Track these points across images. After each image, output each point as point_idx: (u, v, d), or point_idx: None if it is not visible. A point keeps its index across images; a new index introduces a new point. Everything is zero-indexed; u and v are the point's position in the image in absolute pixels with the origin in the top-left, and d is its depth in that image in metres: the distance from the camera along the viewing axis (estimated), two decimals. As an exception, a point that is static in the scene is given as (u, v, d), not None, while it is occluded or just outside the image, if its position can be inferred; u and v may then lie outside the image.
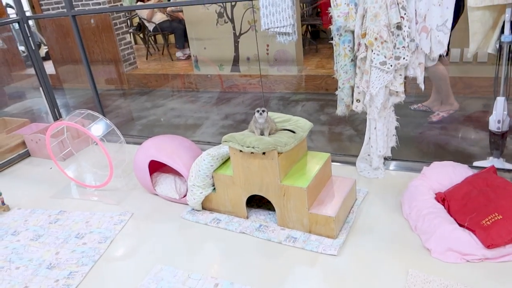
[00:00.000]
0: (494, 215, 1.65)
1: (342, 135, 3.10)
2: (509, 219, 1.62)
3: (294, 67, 4.34)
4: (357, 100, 2.30)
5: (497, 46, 2.07)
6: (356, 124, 3.19)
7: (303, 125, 2.11)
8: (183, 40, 5.96)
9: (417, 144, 2.82)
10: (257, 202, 2.18)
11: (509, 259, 1.62)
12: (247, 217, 2.10)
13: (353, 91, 2.32)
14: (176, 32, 6.06)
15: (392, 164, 2.47)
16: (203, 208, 2.21)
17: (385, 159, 2.44)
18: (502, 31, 2.00)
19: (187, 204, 2.23)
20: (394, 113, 2.33)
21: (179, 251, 1.94)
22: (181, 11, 6.11)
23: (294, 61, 4.35)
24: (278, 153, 1.85)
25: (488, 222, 1.64)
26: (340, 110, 2.44)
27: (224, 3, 4.47)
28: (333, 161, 2.43)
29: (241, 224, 2.05)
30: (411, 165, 2.42)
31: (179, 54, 6.02)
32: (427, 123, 3.09)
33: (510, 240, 1.59)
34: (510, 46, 2.06)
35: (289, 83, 4.33)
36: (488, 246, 1.61)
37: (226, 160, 2.15)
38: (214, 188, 2.13)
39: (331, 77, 2.50)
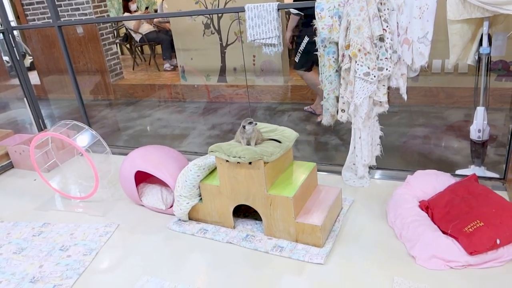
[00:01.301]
0: (476, 222, 1.68)
1: (328, 144, 3.14)
2: (490, 226, 1.66)
3: (280, 77, 4.39)
4: (342, 110, 2.34)
5: (476, 57, 2.13)
6: (341, 134, 3.23)
7: (289, 135, 2.13)
8: (170, 51, 5.98)
9: (401, 153, 2.87)
10: (244, 212, 2.19)
11: (491, 265, 1.65)
12: (234, 227, 2.09)
13: (338, 101, 2.36)
14: (163, 43, 6.08)
15: (377, 173, 2.51)
16: (190, 218, 2.21)
17: (370, 168, 2.47)
18: (480, 43, 2.07)
19: (174, 215, 2.22)
20: (378, 122, 2.37)
21: (165, 262, 1.92)
22: (168, 22, 6.14)
23: (280, 71, 4.40)
24: (264, 162, 1.87)
25: (470, 229, 1.67)
26: (326, 119, 2.47)
27: (210, 15, 4.50)
28: (319, 170, 2.45)
29: (228, 234, 2.04)
30: (396, 174, 2.46)
31: (166, 65, 6.02)
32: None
33: (492, 246, 1.63)
34: (488, 57, 2.13)
35: (275, 93, 4.37)
36: (471, 253, 1.64)
37: (213, 170, 2.16)
38: (201, 198, 2.13)
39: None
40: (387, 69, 2.11)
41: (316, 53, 2.31)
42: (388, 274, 1.69)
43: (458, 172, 2.36)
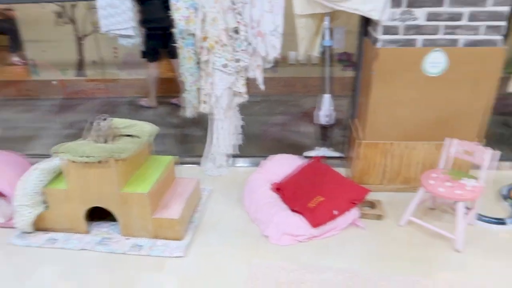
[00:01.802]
0: (317, 198, 1.87)
1: (193, 136, 3.13)
2: (330, 200, 1.86)
3: (144, 70, 4.21)
4: (203, 102, 2.34)
5: (321, 49, 2.34)
6: (206, 125, 3.24)
7: (148, 129, 2.05)
8: (17, 42, 5.26)
9: (262, 141, 3.02)
10: (101, 214, 2.04)
11: (331, 234, 1.86)
12: (88, 232, 1.95)
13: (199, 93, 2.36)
14: (8, 33, 5.32)
15: (239, 161, 2.59)
16: (36, 229, 1.97)
17: (231, 156, 2.54)
18: (323, 37, 2.27)
19: (15, 228, 1.96)
20: (240, 112, 2.44)
21: (8, 282, 1.69)
22: (13, 9, 5.39)
23: (145, 64, 4.22)
24: (117, 160, 1.76)
25: (313, 204, 1.85)
26: (189, 112, 2.46)
27: (62, 2, 4.09)
28: (182, 163, 2.44)
29: (81, 240, 1.90)
30: (255, 161, 2.57)
31: (15, 59, 5.29)
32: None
33: (330, 217, 1.82)
34: (330, 49, 2.36)
35: (140, 87, 4.20)
36: (315, 226, 1.81)
37: (60, 173, 1.96)
38: (47, 205, 1.92)
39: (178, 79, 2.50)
40: (243, 61, 2.18)
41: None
42: (246, 258, 1.76)
43: (306, 154, 2.57)
